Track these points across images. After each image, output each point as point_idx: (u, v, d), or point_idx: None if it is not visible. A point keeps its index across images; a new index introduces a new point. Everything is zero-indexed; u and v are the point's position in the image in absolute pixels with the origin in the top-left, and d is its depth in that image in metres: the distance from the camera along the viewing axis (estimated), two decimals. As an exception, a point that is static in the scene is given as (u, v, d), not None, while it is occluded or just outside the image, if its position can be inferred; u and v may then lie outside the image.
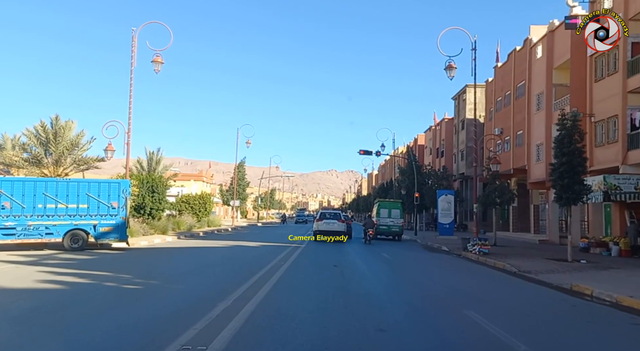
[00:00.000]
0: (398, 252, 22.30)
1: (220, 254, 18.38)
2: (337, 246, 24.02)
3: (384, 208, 32.03)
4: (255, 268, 12.86)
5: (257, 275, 11.71)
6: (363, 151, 38.53)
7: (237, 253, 18.85)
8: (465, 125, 46.56)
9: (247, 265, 14.42)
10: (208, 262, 15.52)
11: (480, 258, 18.56)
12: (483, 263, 17.56)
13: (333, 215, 27.95)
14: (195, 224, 35.28)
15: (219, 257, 17.15)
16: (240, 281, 10.51)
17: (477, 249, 19.75)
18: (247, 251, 19.90)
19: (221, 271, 13.34)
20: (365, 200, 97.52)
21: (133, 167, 30.63)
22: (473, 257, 19.27)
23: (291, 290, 10.00)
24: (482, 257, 18.59)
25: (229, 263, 15.35)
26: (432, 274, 14.78)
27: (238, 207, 65.20)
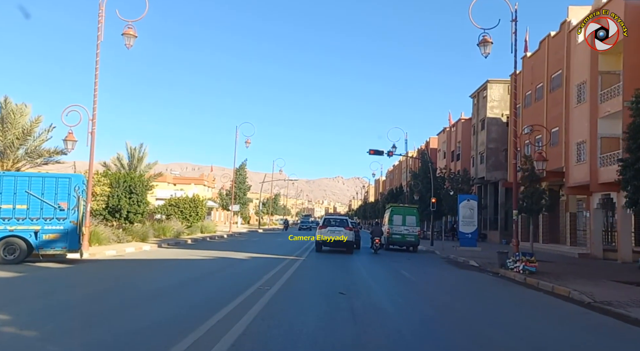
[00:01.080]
0: (419, 268, 18.23)
1: (193, 270, 14.35)
2: (343, 259, 19.99)
3: (397, 215, 27.97)
4: (227, 298, 8.87)
5: (223, 310, 7.71)
6: (373, 151, 34.53)
7: (215, 269, 14.80)
8: (485, 125, 42.44)
9: (219, 291, 10.36)
10: (166, 285, 11.19)
11: (528, 280, 14.44)
12: (535, 288, 13.44)
13: (339, 221, 23.92)
14: (184, 230, 31.37)
15: (187, 275, 12.94)
16: (189, 325, 6.53)
17: (522, 267, 15.65)
18: (230, 266, 15.85)
19: (168, 304, 8.77)
20: (372, 207, 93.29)
21: (112, 164, 26.79)
22: (517, 278, 15.14)
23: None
24: (530, 278, 14.48)
25: (193, 288, 11.00)
26: (484, 310, 10.12)
27: (238, 212, 61.30)
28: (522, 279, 14.75)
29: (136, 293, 9.88)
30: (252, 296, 9.15)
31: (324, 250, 23.67)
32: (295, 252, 21.83)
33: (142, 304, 8.69)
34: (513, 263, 16.24)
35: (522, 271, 15.50)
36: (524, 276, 14.93)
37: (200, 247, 24.57)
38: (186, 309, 8.10)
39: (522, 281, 14.59)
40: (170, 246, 24.17)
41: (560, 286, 12.60)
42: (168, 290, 10.31)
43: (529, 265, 15.59)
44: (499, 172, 41.00)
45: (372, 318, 7.98)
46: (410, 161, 77.04)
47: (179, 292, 10.03)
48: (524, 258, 15.82)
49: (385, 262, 19.89)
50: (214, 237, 34.16)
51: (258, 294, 9.46)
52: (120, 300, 9.03)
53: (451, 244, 32.65)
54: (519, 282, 14.59)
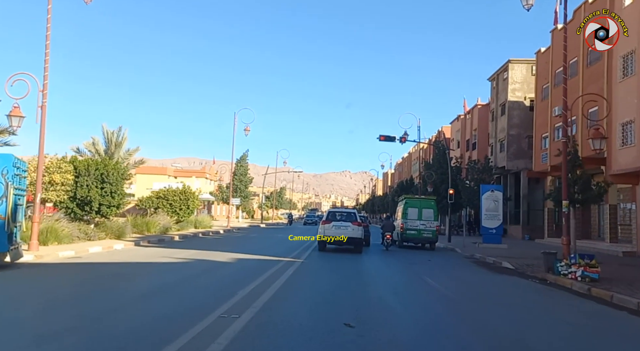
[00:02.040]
0: (445, 272, 14.72)
1: (152, 280, 10.89)
2: (351, 261, 16.58)
3: (412, 208, 24.50)
4: (154, 340, 5.46)
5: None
6: (384, 137, 30.99)
7: (182, 278, 11.19)
8: (506, 110, 38.72)
9: (155, 321, 6.75)
10: (88, 312, 7.48)
11: (594, 291, 10.95)
12: (609, 303, 9.95)
13: (345, 215, 20.48)
14: (172, 226, 28.08)
15: (137, 290, 9.35)
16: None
17: (580, 273, 12.15)
18: (206, 273, 12.36)
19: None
20: (381, 200, 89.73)
21: (86, 150, 23.48)
22: (576, 287, 11.65)
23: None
24: (597, 289, 10.99)
25: (128, 314, 7.25)
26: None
27: (239, 205, 58.03)
28: (585, 290, 11.25)
29: (37, 323, 6.50)
30: (200, 337, 5.72)
31: (329, 248, 20.31)
32: (294, 252, 18.46)
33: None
34: (567, 268, 12.74)
35: (581, 278, 12.02)
36: (586, 286, 11.44)
37: (186, 245, 21.26)
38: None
39: (585, 293, 11.10)
40: (151, 244, 20.89)
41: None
42: (85, 321, 6.83)
43: (589, 271, 12.11)
44: (522, 160, 37.35)
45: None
46: (421, 151, 73.37)
47: (93, 325, 6.49)
48: (582, 262, 12.32)
49: (402, 264, 16.45)
50: (208, 233, 30.89)
51: (214, 329, 6.03)
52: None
53: (471, 240, 29.12)
54: (581, 294, 11.08)
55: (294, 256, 16.52)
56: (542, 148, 32.09)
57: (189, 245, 20.83)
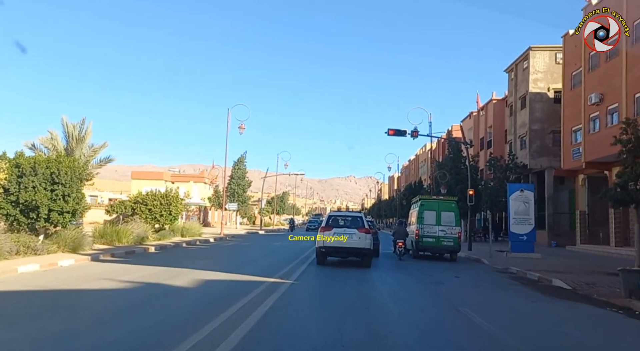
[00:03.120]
0: (487, 299, 10.71)
1: (39, 326, 7.13)
2: (355, 281, 12.73)
3: (429, 211, 20.68)
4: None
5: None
6: (393, 131, 27.15)
7: (96, 323, 7.36)
8: (527, 102, 34.85)
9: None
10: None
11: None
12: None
13: (350, 220, 16.65)
14: (151, 234, 24.37)
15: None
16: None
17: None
18: (140, 309, 8.39)
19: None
20: (388, 205, 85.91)
21: (42, 146, 19.81)
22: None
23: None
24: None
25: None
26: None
27: (236, 210, 54.33)
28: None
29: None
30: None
31: (330, 261, 16.53)
32: (285, 267, 14.66)
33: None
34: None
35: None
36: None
37: (156, 259, 17.52)
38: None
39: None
40: (115, 258, 17.18)
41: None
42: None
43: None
44: (546, 158, 33.46)
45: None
46: (430, 152, 69.44)
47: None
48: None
49: (424, 285, 12.61)
50: (195, 243, 27.16)
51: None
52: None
53: (494, 248, 25.17)
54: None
55: (283, 274, 12.72)
56: (573, 143, 28.22)
57: (160, 260, 17.09)
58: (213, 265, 15.33)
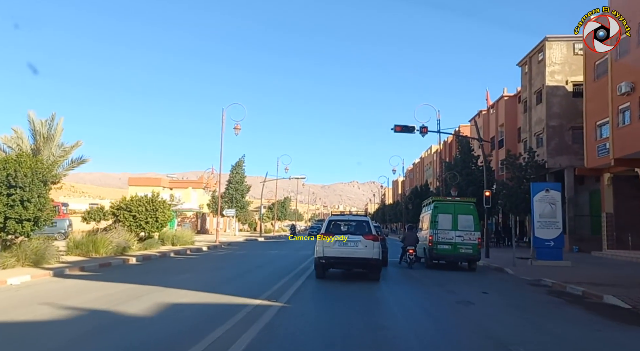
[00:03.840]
0: (535, 327, 8.07)
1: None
2: (362, 302, 10.31)
3: (444, 214, 18.25)
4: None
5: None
6: (400, 127, 24.84)
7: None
8: (544, 97, 32.43)
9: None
10: None
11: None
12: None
13: (354, 226, 14.20)
14: (134, 244, 22.01)
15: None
16: None
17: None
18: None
19: None
20: (392, 209, 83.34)
21: (5, 146, 17.46)
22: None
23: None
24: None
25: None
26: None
27: (233, 216, 51.97)
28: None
29: None
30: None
31: (331, 274, 14.14)
32: (278, 282, 12.25)
33: None
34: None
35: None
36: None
37: (130, 273, 15.13)
38: None
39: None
40: (84, 272, 14.87)
41: None
42: None
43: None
44: (565, 156, 30.99)
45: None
46: (436, 155, 66.98)
47: None
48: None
49: (448, 304, 10.16)
50: (185, 252, 24.79)
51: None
52: None
53: (512, 255, 22.62)
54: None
55: (273, 293, 10.30)
56: (598, 139, 25.78)
57: (134, 274, 14.71)
58: (193, 280, 12.95)
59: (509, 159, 26.53)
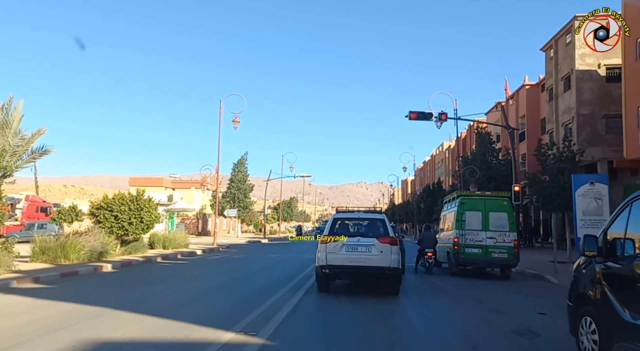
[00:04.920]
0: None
1: None
2: (382, 328, 7.41)
3: (473, 211, 15.36)
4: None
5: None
6: (415, 114, 21.94)
7: None
8: (573, 83, 29.36)
9: None
10: None
11: None
12: None
13: (366, 226, 11.39)
14: (115, 248, 19.33)
15: None
16: None
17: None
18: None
19: None
20: (403, 209, 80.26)
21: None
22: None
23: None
24: None
25: None
26: None
27: (236, 217, 49.30)
28: None
29: None
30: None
31: (336, 287, 11.32)
32: (266, 301, 9.39)
33: None
34: None
35: None
36: None
37: (87, 286, 12.42)
38: None
39: None
40: (38, 284, 12.21)
41: None
42: None
43: None
44: (598, 147, 27.88)
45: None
46: (448, 152, 63.94)
47: None
48: None
49: (507, 337, 7.17)
50: (175, 256, 22.09)
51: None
52: None
53: (547, 258, 19.64)
54: None
55: (255, 319, 7.47)
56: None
57: (96, 287, 12.00)
58: (159, 296, 10.14)
59: (541, 149, 23.52)
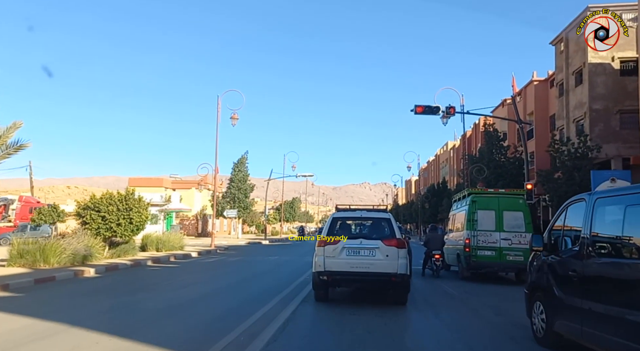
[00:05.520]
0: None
1: None
2: (388, 347, 6.13)
3: (486, 211, 14.10)
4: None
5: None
6: (421, 108, 20.68)
7: None
8: (585, 77, 28.04)
9: None
10: None
11: None
12: None
13: (369, 226, 10.21)
14: (101, 250, 18.15)
15: None
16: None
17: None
18: None
19: None
20: (407, 209, 78.90)
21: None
22: None
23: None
24: None
25: None
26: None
27: (236, 217, 48.13)
28: None
29: None
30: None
31: (338, 293, 10.09)
32: (254, 314, 8.15)
33: None
34: None
35: None
36: None
37: (63, 294, 11.24)
38: None
39: None
40: (7, 292, 11.03)
41: None
42: None
43: None
44: (612, 144, 26.55)
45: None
46: (453, 151, 62.53)
47: None
48: None
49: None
50: (167, 259, 20.94)
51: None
52: None
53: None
54: None
55: (236, 340, 6.23)
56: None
57: (68, 296, 10.81)
58: (129, 309, 8.90)
59: (554, 145, 22.18)
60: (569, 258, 5.78)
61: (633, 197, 4.97)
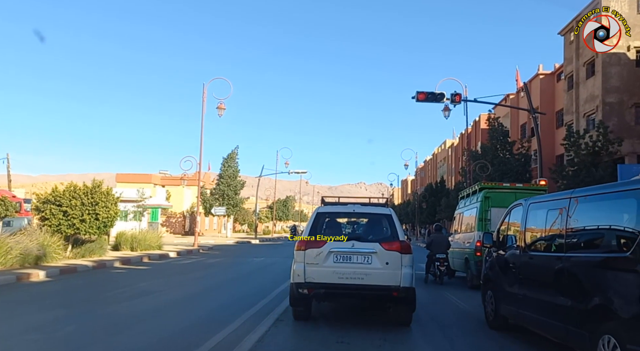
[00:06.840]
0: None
1: None
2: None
3: (501, 208, 11.96)
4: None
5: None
6: (424, 95, 18.53)
7: None
8: (598, 68, 26.10)
9: None
10: None
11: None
12: None
13: (365, 225, 8.19)
14: (56, 250, 16.00)
15: None
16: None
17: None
18: None
19: None
20: (404, 209, 76.90)
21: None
22: None
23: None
24: None
25: None
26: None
27: (224, 215, 46.01)
28: None
29: None
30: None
31: (322, 309, 8.03)
32: (207, 341, 6.01)
33: None
34: None
35: None
36: None
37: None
38: None
39: None
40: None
41: None
42: None
43: None
44: (627, 140, 24.57)
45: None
46: (451, 150, 60.63)
47: None
48: None
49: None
50: (138, 260, 18.83)
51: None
52: None
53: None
54: None
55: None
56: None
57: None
58: (50, 329, 6.76)
59: (570, 138, 20.17)
60: (511, 253, 6.92)
61: (551, 202, 6.02)
